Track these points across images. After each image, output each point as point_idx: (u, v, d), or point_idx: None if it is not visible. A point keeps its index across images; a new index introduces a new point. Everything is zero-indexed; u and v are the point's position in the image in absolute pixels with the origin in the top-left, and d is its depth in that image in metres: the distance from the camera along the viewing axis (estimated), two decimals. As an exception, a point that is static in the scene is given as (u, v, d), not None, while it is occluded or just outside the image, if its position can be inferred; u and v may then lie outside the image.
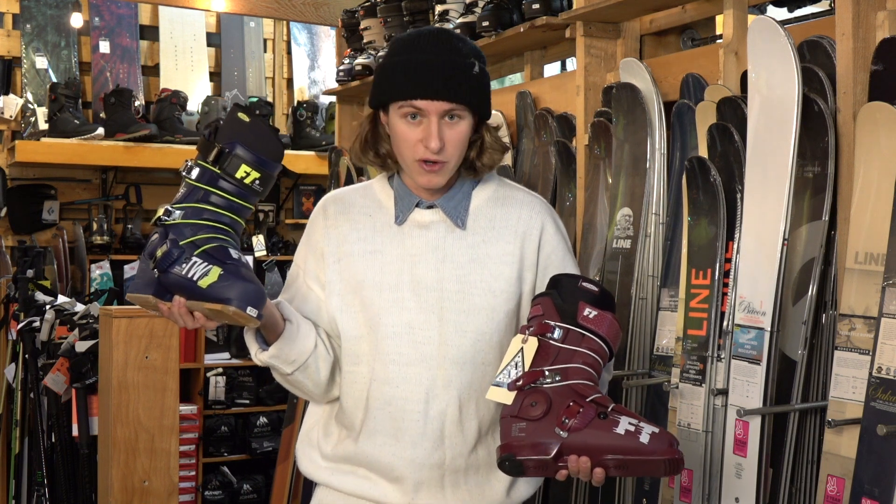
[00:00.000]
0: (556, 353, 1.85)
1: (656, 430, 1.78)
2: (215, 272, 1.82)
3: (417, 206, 1.98)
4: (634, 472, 1.81)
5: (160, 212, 1.88)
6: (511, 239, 1.98)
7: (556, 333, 1.86)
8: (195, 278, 1.82)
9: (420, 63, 1.86)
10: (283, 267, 5.87)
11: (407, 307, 1.94)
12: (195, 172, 1.89)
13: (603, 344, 1.88)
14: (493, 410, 1.96)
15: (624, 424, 1.78)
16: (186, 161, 1.92)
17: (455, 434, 1.94)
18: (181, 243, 1.85)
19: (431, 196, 1.98)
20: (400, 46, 1.92)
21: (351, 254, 1.98)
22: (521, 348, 1.86)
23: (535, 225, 2.00)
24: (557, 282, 1.95)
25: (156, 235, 1.88)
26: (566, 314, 1.88)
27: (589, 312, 1.88)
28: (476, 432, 1.96)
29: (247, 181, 1.90)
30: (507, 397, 1.83)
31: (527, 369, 1.84)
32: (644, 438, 1.76)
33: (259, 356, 1.96)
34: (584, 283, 1.92)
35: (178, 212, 1.88)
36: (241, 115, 1.93)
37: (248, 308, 1.82)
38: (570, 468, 1.76)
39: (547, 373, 1.83)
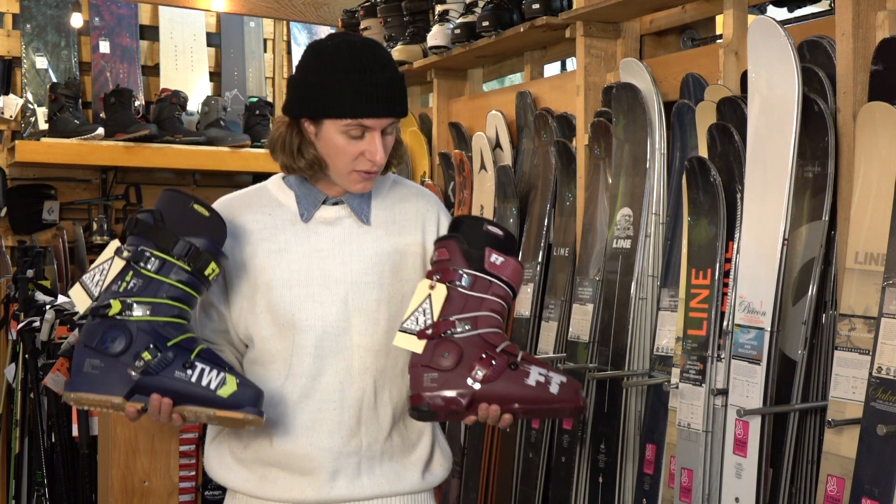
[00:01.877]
0: (465, 302, 1.87)
1: (564, 379, 1.84)
2: (232, 381, 1.84)
3: (324, 202, 2.01)
4: (541, 416, 1.92)
5: (116, 307, 1.83)
6: (413, 230, 2.04)
7: (465, 281, 1.88)
8: (213, 387, 1.82)
9: (366, 81, 1.87)
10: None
11: (319, 301, 1.97)
12: (153, 264, 1.85)
13: (508, 289, 1.91)
14: (406, 395, 1.98)
15: (534, 375, 1.84)
16: (129, 247, 1.87)
17: (371, 420, 1.99)
18: (170, 345, 1.83)
19: (337, 192, 2.01)
20: (330, 61, 1.89)
21: (255, 254, 1.99)
22: (429, 294, 1.88)
23: (432, 215, 2.07)
24: (459, 223, 1.95)
25: (102, 328, 1.82)
26: (473, 259, 1.89)
27: (496, 259, 1.89)
28: (391, 418, 2.01)
29: (210, 277, 1.90)
30: (417, 346, 1.86)
31: (436, 318, 1.86)
32: (554, 389, 1.82)
33: None
34: (489, 227, 1.93)
35: (140, 308, 1.84)
36: (199, 209, 1.90)
37: (257, 411, 1.85)
38: (479, 415, 1.83)
39: (457, 322, 1.86)
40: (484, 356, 1.83)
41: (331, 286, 1.98)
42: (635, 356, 2.81)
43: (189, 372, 1.83)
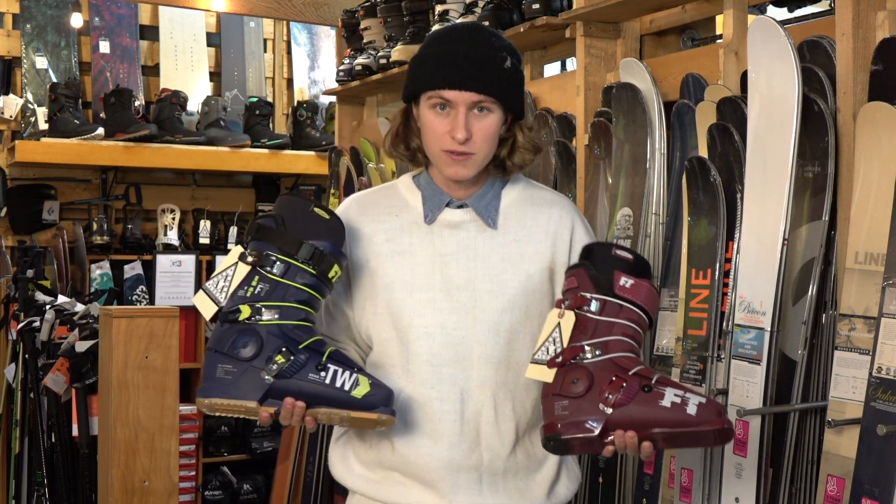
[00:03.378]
0: (595, 327, 1.81)
1: (703, 399, 1.75)
2: (365, 382, 1.83)
3: (448, 205, 1.97)
4: (683, 443, 1.77)
5: (246, 312, 1.83)
6: (542, 238, 1.97)
7: (594, 306, 1.82)
8: (347, 388, 1.81)
9: (450, 53, 1.86)
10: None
11: (439, 307, 1.92)
12: (278, 267, 1.86)
13: (642, 313, 1.84)
14: (530, 412, 1.95)
15: (669, 396, 1.75)
16: (253, 252, 1.87)
17: (492, 435, 1.92)
18: (301, 347, 1.83)
19: (462, 195, 1.97)
20: (432, 39, 1.93)
21: (379, 255, 1.96)
22: (559, 323, 1.83)
23: (566, 225, 1.99)
24: (590, 251, 1.91)
25: (232, 333, 1.83)
26: (602, 285, 1.84)
27: (625, 282, 1.84)
28: (513, 434, 1.94)
29: (333, 279, 1.90)
30: (548, 375, 1.81)
31: (565, 345, 1.81)
32: (691, 410, 1.73)
33: None
34: (618, 251, 1.88)
35: (268, 312, 1.84)
36: (320, 212, 1.91)
37: (390, 411, 1.84)
38: (616, 444, 1.75)
39: (587, 348, 1.80)
40: (614, 379, 1.76)
41: (452, 292, 1.92)
42: (635, 356, 2.81)
43: (322, 374, 1.82)
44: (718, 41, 2.92)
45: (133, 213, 5.88)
